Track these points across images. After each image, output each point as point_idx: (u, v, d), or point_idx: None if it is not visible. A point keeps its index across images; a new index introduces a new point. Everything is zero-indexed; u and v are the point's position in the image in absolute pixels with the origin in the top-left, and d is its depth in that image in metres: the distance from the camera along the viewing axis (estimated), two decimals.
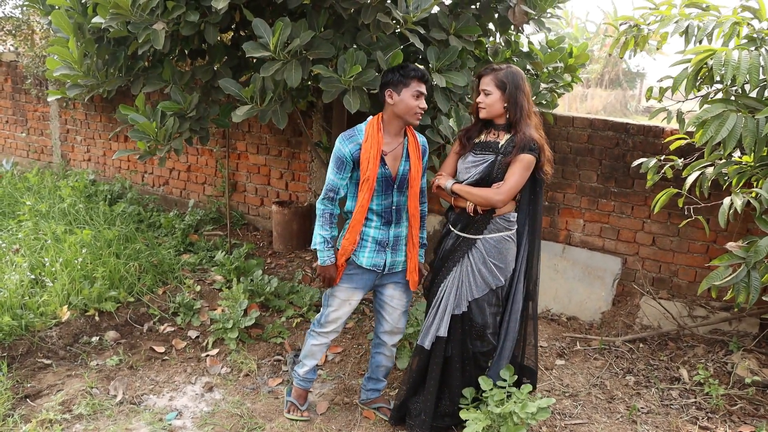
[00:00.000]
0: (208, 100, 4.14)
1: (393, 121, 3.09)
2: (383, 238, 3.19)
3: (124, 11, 3.28)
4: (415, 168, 3.16)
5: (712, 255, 4.34)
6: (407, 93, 3.00)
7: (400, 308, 3.37)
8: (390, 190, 3.15)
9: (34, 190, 6.83)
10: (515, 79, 3.01)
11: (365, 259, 3.19)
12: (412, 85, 3.00)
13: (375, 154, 3.03)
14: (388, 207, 3.17)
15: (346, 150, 3.05)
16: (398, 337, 3.44)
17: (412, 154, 3.15)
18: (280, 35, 3.22)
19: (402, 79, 3.00)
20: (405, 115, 3.04)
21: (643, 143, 4.49)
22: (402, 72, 3.02)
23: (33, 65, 7.41)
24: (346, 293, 3.27)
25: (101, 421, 3.39)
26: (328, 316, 3.34)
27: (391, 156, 3.11)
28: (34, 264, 4.71)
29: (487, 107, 3.05)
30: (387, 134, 3.11)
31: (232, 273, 4.99)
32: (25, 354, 3.94)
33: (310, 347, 3.45)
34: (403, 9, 3.39)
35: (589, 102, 16.06)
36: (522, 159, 2.96)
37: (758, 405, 3.62)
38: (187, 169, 6.84)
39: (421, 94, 3.04)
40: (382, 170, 3.08)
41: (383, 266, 3.22)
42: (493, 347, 3.20)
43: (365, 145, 3.04)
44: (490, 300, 3.12)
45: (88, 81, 3.84)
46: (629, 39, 3.88)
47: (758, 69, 3.02)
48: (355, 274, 3.23)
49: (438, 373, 3.19)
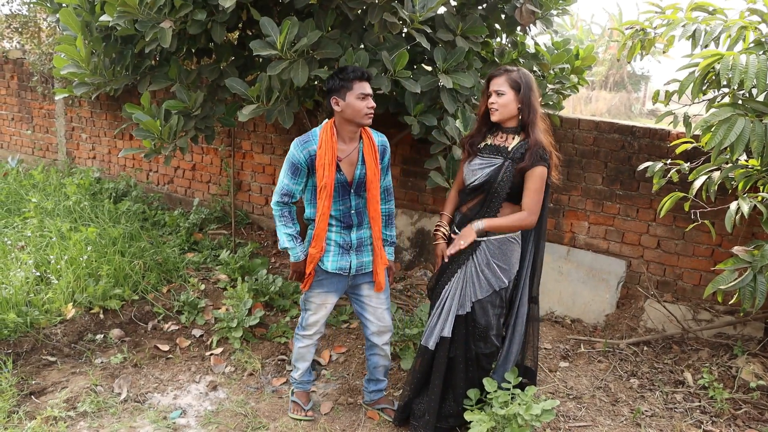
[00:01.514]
0: (214, 99, 4.15)
1: (345, 126, 3.06)
2: (345, 241, 3.20)
3: (132, 9, 3.28)
4: (371, 171, 3.13)
5: (717, 259, 4.33)
6: (352, 96, 2.97)
7: (382, 306, 3.36)
8: (347, 195, 3.14)
9: (39, 187, 6.85)
10: (529, 80, 2.98)
11: (330, 263, 3.20)
12: (354, 88, 2.96)
13: (330, 160, 3.01)
14: (347, 212, 3.16)
15: (301, 156, 3.04)
16: (387, 335, 3.42)
17: (368, 158, 3.12)
18: (287, 34, 3.23)
19: (343, 84, 2.97)
20: (355, 118, 3.01)
21: (649, 146, 4.48)
22: (341, 76, 2.98)
23: (39, 63, 7.43)
24: (320, 298, 3.30)
25: (105, 419, 3.40)
26: (307, 320, 3.39)
27: (347, 161, 3.09)
28: (40, 261, 4.72)
29: (501, 108, 2.99)
30: (341, 140, 3.08)
31: (236, 272, 4.99)
32: (30, 351, 3.95)
33: (298, 350, 3.49)
34: (409, 8, 3.39)
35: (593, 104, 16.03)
36: (536, 173, 2.92)
37: (763, 409, 3.61)
38: (192, 168, 6.84)
39: (367, 95, 2.99)
40: (338, 176, 3.07)
41: (349, 269, 3.23)
42: (496, 349, 3.20)
43: (320, 152, 3.02)
44: (493, 301, 3.12)
45: (95, 79, 3.85)
46: (636, 43, 3.88)
47: (766, 73, 3.00)
48: (324, 278, 3.24)
49: (442, 373, 3.19)
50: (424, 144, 4.56)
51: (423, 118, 3.92)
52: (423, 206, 5.45)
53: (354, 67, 3.02)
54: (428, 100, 3.94)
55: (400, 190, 5.52)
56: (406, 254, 5.53)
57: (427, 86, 3.80)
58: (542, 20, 4.04)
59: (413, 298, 4.99)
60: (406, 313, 4.63)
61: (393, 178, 5.50)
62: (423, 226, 5.44)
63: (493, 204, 3.03)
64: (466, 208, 3.16)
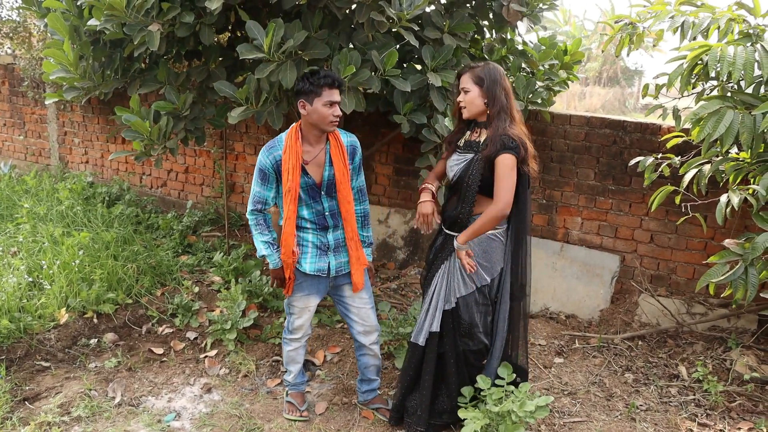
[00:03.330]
0: (204, 101, 4.14)
1: (310, 129, 3.05)
2: (322, 242, 3.19)
3: (119, 13, 3.27)
4: (340, 172, 3.11)
5: (710, 252, 4.34)
6: (319, 102, 2.95)
7: (365, 306, 3.35)
8: (318, 197, 3.13)
9: (32, 192, 6.82)
10: (493, 73, 2.99)
11: (308, 265, 3.19)
12: (323, 95, 2.94)
13: (294, 164, 3.01)
14: (320, 213, 3.16)
15: (267, 162, 3.04)
16: (374, 335, 3.41)
17: (336, 159, 3.10)
18: (273, 36, 3.22)
19: (313, 89, 2.94)
20: (319, 124, 2.99)
21: (640, 141, 4.48)
22: (312, 80, 2.95)
23: (30, 68, 7.40)
24: (302, 301, 3.30)
25: (100, 423, 3.39)
26: (293, 323, 3.39)
27: (314, 164, 3.08)
28: (32, 266, 4.71)
29: (468, 105, 3.03)
30: (306, 143, 3.08)
31: (230, 274, 4.98)
32: (24, 357, 3.94)
33: (288, 354, 3.50)
34: (396, 7, 3.39)
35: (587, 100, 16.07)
36: (503, 160, 2.91)
37: (757, 401, 3.62)
38: (185, 171, 6.83)
39: (334, 102, 2.98)
40: (305, 179, 3.06)
41: (328, 270, 3.22)
42: (484, 346, 3.19)
43: (284, 156, 3.01)
44: (476, 299, 3.13)
45: (85, 83, 3.84)
46: (624, 37, 3.88)
47: (753, 65, 3.01)
48: (304, 281, 3.24)
49: (432, 368, 3.20)
50: (415, 143, 4.56)
51: (413, 117, 3.92)
52: (416, 205, 5.43)
53: (327, 72, 2.99)
54: (418, 98, 3.94)
55: (392, 189, 5.52)
56: (399, 253, 5.53)
57: (416, 85, 3.80)
58: (530, 17, 4.04)
59: (407, 297, 4.99)
60: (400, 312, 4.63)
61: (385, 177, 5.52)
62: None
63: (467, 198, 3.04)
64: (448, 204, 3.19)
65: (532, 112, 4.63)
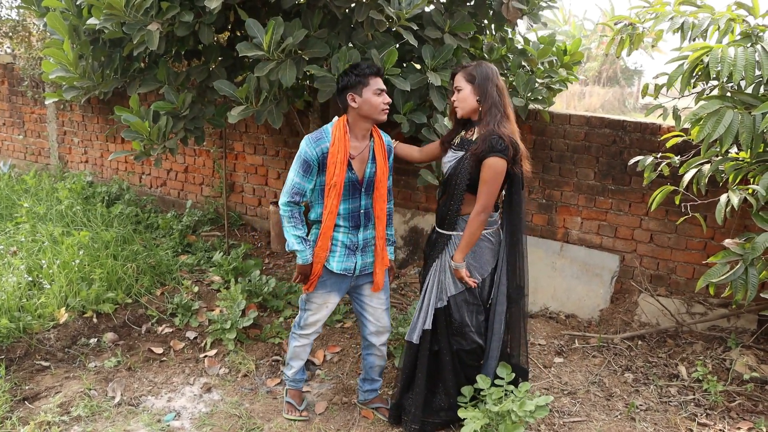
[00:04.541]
0: (204, 101, 4.14)
1: (359, 123, 3.04)
2: (352, 242, 3.18)
3: (118, 12, 3.27)
4: (381, 170, 3.13)
5: (709, 252, 4.34)
6: (368, 92, 2.96)
7: (381, 307, 3.36)
8: (357, 194, 3.12)
9: (31, 192, 6.82)
10: (485, 72, 2.99)
11: (336, 263, 3.18)
12: (371, 83, 2.96)
13: (342, 158, 2.99)
14: (356, 211, 3.15)
15: (313, 153, 3.00)
16: (385, 336, 3.42)
17: (378, 156, 3.12)
18: (273, 35, 3.22)
19: (360, 79, 2.96)
20: (372, 114, 3.00)
21: (640, 140, 4.48)
22: (357, 72, 2.97)
23: (29, 67, 7.40)
24: (322, 298, 3.28)
25: (99, 423, 3.39)
26: (306, 320, 3.37)
27: (358, 159, 3.08)
28: (32, 266, 4.71)
29: (461, 103, 3.04)
30: (353, 137, 3.07)
31: (230, 273, 4.98)
32: (23, 356, 3.93)
33: (293, 349, 3.47)
34: (395, 6, 3.38)
35: (587, 100, 16.06)
36: (490, 164, 2.91)
37: (757, 401, 3.62)
38: (185, 170, 6.83)
39: (382, 90, 3.00)
40: (349, 174, 3.05)
41: (354, 269, 3.22)
42: (478, 346, 3.20)
43: (332, 150, 2.99)
44: (466, 298, 3.13)
45: (84, 83, 3.84)
46: (625, 37, 3.88)
47: (754, 65, 3.01)
48: (327, 279, 3.22)
49: (425, 365, 3.21)
50: (415, 142, 4.54)
51: (412, 116, 3.92)
52: (416, 204, 5.45)
53: (367, 63, 3.02)
54: (417, 97, 3.93)
55: (392, 188, 5.52)
56: (399, 253, 5.53)
57: (416, 84, 3.80)
58: (529, 16, 4.03)
59: (407, 296, 4.99)
60: (399, 312, 4.62)
61: None
62: (416, 225, 5.43)
63: (456, 196, 3.06)
64: (440, 202, 3.22)
65: (532, 111, 4.63)
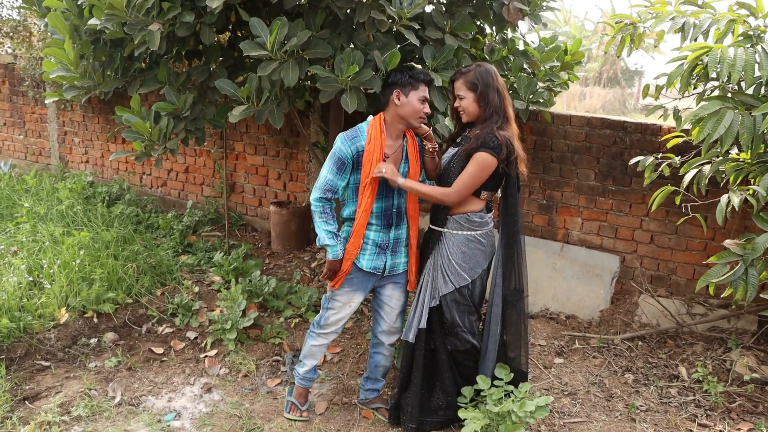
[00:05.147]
0: (205, 101, 4.13)
1: (396, 122, 3.07)
2: (383, 241, 3.19)
3: (119, 12, 3.27)
4: (413, 170, 3.15)
5: (710, 252, 4.33)
6: (415, 96, 3.00)
7: (398, 308, 3.38)
8: (391, 193, 3.14)
9: (32, 192, 6.82)
10: (486, 77, 3.02)
11: (366, 262, 3.19)
12: (420, 89, 3.01)
13: (378, 156, 3.01)
14: (389, 210, 3.16)
15: (348, 151, 3.02)
16: (395, 336, 3.45)
17: (411, 156, 3.15)
18: (277, 35, 3.22)
19: (411, 81, 3.00)
20: (409, 117, 3.03)
21: (640, 141, 4.48)
22: (411, 74, 3.01)
23: (30, 67, 7.40)
24: (347, 296, 3.28)
25: (100, 423, 3.39)
26: (328, 319, 3.35)
27: (392, 158, 3.10)
28: (32, 266, 4.71)
29: (465, 110, 3.08)
30: (389, 136, 3.09)
31: (230, 274, 4.98)
32: (24, 356, 3.93)
33: (309, 348, 3.46)
34: (396, 5, 3.39)
35: (587, 100, 16.06)
36: (478, 158, 2.95)
37: (757, 402, 3.62)
38: (185, 170, 6.83)
39: (426, 99, 3.04)
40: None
41: (383, 269, 3.23)
42: (472, 347, 3.21)
43: (368, 148, 3.01)
44: (456, 298, 3.14)
45: (85, 83, 3.83)
46: (625, 37, 3.88)
47: (754, 66, 3.01)
48: (355, 277, 3.23)
49: (421, 364, 3.22)
50: None
51: None
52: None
53: (423, 70, 3.06)
54: None
55: None
56: None
57: None
58: (530, 17, 4.03)
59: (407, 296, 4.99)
60: None
61: None
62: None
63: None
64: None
65: (533, 112, 4.63)
